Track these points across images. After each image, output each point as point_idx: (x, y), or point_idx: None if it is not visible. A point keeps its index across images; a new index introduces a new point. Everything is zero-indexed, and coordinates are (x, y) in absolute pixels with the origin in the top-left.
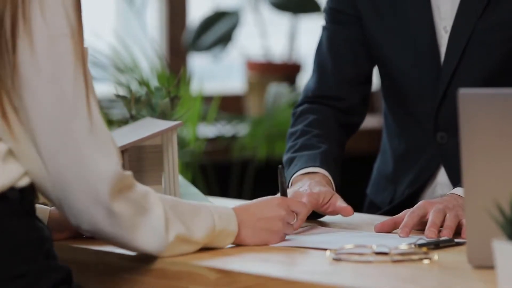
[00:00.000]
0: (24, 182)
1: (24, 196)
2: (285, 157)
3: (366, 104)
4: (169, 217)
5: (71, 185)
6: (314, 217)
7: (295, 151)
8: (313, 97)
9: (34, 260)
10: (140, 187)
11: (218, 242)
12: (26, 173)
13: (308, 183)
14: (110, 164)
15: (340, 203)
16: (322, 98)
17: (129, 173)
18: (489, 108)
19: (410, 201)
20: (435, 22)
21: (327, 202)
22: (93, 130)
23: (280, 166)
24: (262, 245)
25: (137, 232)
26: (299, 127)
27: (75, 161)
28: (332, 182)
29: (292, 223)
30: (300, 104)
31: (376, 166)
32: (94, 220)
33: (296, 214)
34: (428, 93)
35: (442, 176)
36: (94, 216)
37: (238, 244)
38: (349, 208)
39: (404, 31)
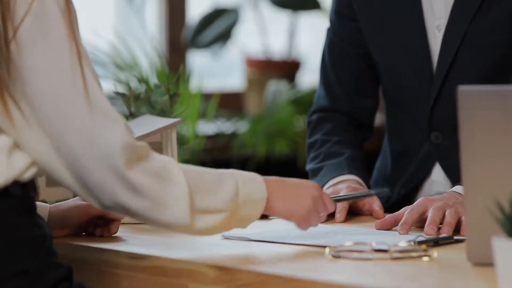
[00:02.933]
0: (28, 175)
1: (26, 193)
2: (308, 167)
3: (374, 117)
4: (192, 187)
5: (85, 163)
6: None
7: (320, 161)
8: (325, 107)
9: (36, 257)
10: (159, 157)
11: (247, 210)
12: (31, 165)
13: (345, 186)
14: (117, 134)
15: (376, 205)
16: (333, 111)
17: (142, 143)
18: (489, 105)
19: (407, 200)
20: (427, 21)
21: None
22: (92, 105)
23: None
24: (288, 219)
25: (161, 204)
26: (317, 136)
27: (82, 138)
28: (364, 184)
29: (321, 214)
30: (314, 113)
31: (376, 165)
32: (115, 194)
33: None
34: (422, 93)
35: (437, 174)
36: (114, 189)
37: (268, 213)
38: (381, 213)
39: (396, 31)
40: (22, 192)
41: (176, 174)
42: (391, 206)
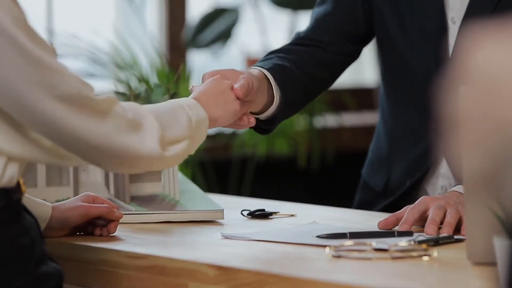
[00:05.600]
0: (6, 178)
1: (10, 198)
2: None
3: (348, 62)
4: (160, 124)
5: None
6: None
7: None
8: (299, 39)
9: (26, 271)
10: (127, 106)
11: (199, 131)
12: (6, 165)
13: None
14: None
15: (236, 85)
16: (308, 41)
17: (107, 95)
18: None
19: (413, 191)
20: (446, 13)
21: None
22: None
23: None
24: (231, 115)
25: (138, 142)
26: (268, 53)
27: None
28: (272, 83)
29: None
30: (281, 47)
31: (370, 147)
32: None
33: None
34: (435, 83)
35: (444, 167)
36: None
37: (214, 126)
38: (240, 92)
39: (413, 16)
40: (7, 199)
41: (147, 117)
42: (397, 198)
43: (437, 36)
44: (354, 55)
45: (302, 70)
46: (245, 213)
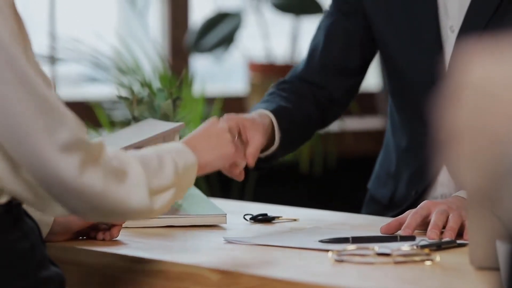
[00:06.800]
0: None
1: (11, 203)
2: None
3: (348, 99)
4: (146, 172)
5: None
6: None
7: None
8: (296, 77)
9: (26, 275)
10: (112, 152)
11: (186, 178)
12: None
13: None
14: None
15: (249, 150)
16: (305, 81)
17: (96, 141)
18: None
19: (417, 203)
20: (440, 21)
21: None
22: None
23: None
24: (224, 159)
25: (123, 199)
26: (271, 90)
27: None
28: (275, 124)
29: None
30: (282, 82)
31: (378, 161)
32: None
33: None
34: (434, 91)
35: (443, 175)
36: (69, 200)
37: (204, 171)
38: (251, 160)
39: (409, 27)
40: (7, 204)
41: (132, 163)
42: (404, 211)
43: (435, 46)
44: (354, 90)
45: (303, 113)
46: (248, 217)
